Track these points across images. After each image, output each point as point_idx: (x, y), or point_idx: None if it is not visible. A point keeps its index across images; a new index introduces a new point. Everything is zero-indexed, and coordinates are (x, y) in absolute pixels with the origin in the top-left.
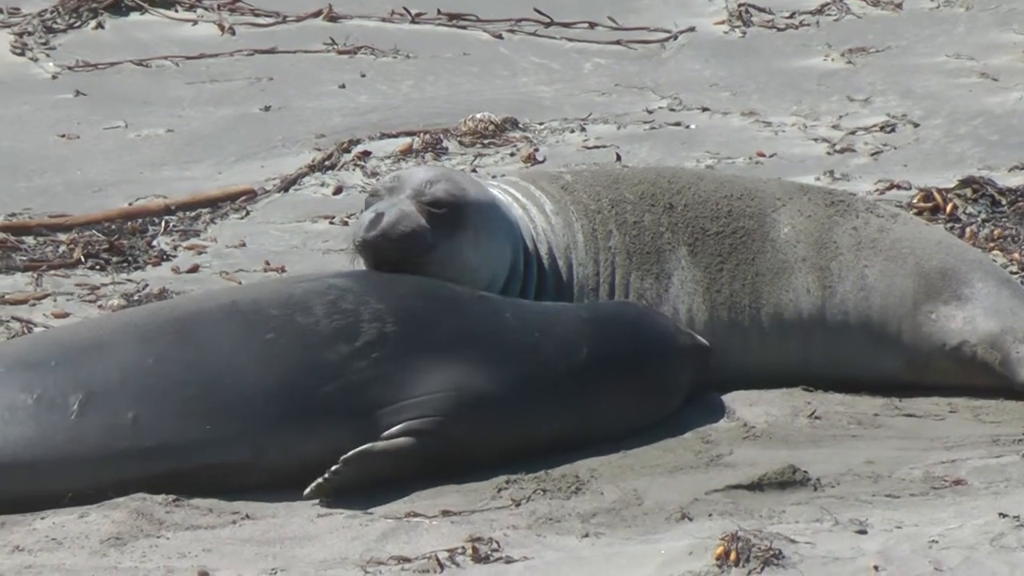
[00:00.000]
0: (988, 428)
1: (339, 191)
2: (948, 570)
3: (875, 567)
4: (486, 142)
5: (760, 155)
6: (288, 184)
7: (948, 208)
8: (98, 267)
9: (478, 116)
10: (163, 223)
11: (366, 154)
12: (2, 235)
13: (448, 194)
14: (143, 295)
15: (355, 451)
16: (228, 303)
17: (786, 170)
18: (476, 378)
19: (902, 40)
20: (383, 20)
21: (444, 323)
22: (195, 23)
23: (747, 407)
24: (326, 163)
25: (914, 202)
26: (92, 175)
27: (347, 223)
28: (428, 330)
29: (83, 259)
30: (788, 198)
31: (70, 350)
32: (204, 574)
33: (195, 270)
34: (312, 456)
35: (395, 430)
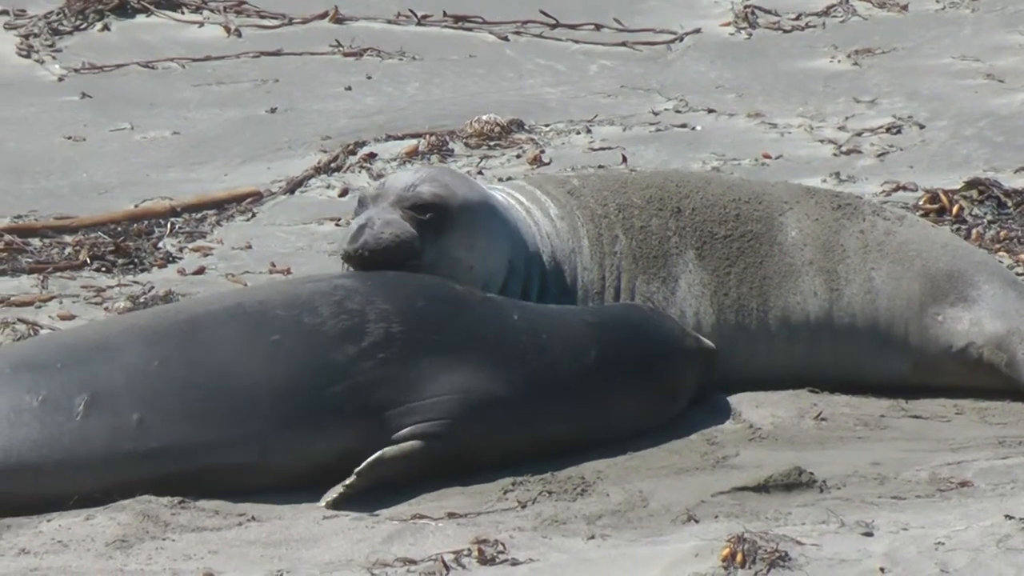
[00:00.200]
0: (994, 430)
1: (345, 193)
2: (954, 572)
3: (881, 569)
4: (492, 144)
5: (766, 156)
6: (294, 186)
7: (954, 209)
8: (104, 269)
9: (484, 118)
10: (169, 225)
11: (372, 156)
12: (8, 237)
13: (433, 195)
14: (149, 297)
15: (368, 461)
16: (233, 304)
17: (792, 171)
18: (484, 380)
19: (908, 42)
20: (389, 22)
21: (451, 324)
22: (201, 25)
23: (753, 409)
24: (332, 165)
25: (920, 203)
26: (98, 177)
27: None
28: (435, 331)
29: (89, 261)
30: (795, 201)
31: (75, 352)
32: None
33: (201, 272)
34: (319, 457)
35: (404, 433)
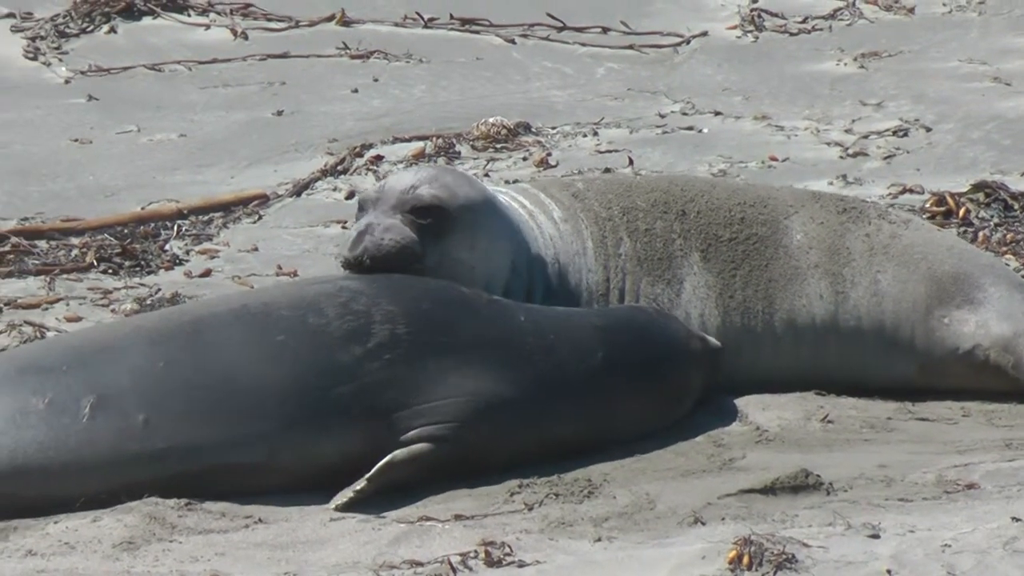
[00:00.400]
0: (1001, 432)
1: (352, 195)
2: (961, 574)
3: (888, 571)
4: (499, 146)
5: (772, 159)
6: (301, 188)
7: (961, 212)
8: (110, 271)
9: (491, 120)
10: (175, 227)
11: (379, 158)
12: (15, 239)
13: (432, 197)
14: (155, 299)
15: (379, 465)
16: (239, 306)
17: (799, 174)
18: (491, 383)
19: (915, 45)
20: (396, 24)
21: (457, 327)
22: (208, 28)
23: (760, 411)
24: (339, 167)
25: (927, 206)
26: (104, 179)
27: None
28: (441, 333)
29: (95, 263)
30: (800, 205)
31: (81, 354)
32: None
33: (207, 274)
34: (326, 458)
35: (412, 435)
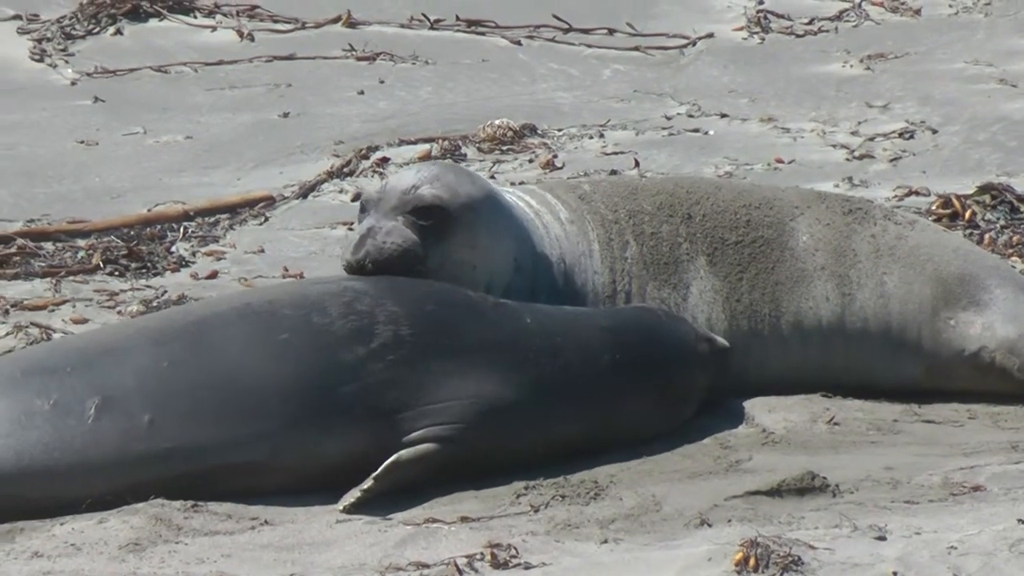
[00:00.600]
0: (1007, 434)
1: (358, 198)
2: None
3: (894, 573)
4: (505, 148)
5: (779, 161)
6: (307, 190)
7: (967, 214)
8: (117, 273)
9: (497, 122)
10: (182, 229)
11: (385, 160)
12: (21, 241)
13: (433, 197)
14: (162, 301)
15: (384, 465)
16: (242, 305)
17: (805, 176)
18: (496, 385)
19: (921, 46)
20: (402, 26)
21: (462, 329)
22: (214, 29)
23: (766, 413)
24: (345, 169)
25: (933, 208)
26: (111, 181)
27: None
28: (445, 336)
29: (102, 265)
30: (806, 206)
31: (85, 355)
32: None
33: (214, 276)
34: (330, 457)
35: (417, 436)
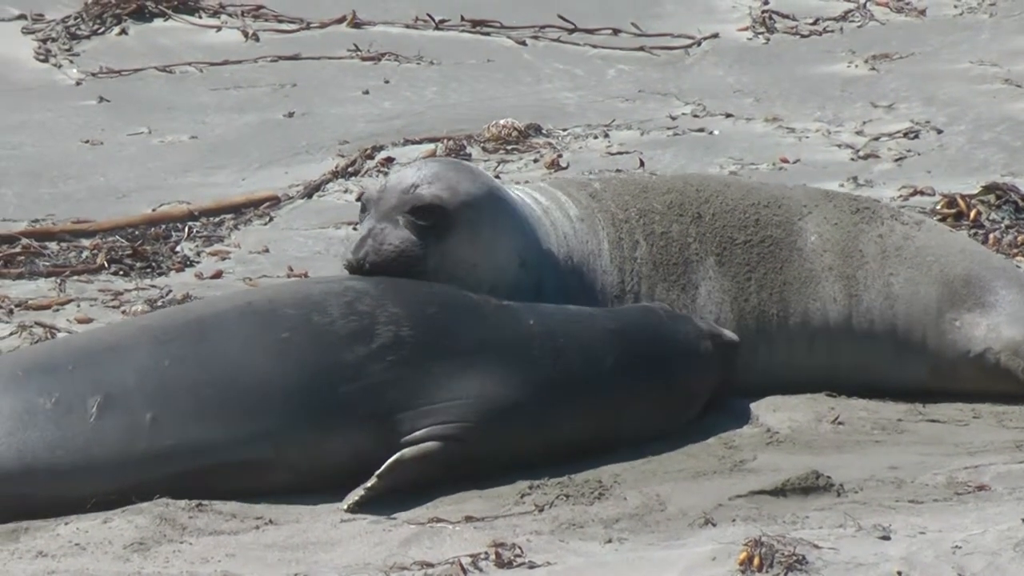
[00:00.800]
0: (1012, 434)
1: (361, 197)
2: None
3: (898, 573)
4: (510, 148)
5: (784, 161)
6: (311, 190)
7: (972, 214)
8: (121, 273)
9: (502, 122)
10: (186, 229)
11: (390, 160)
12: (26, 241)
13: (433, 197)
14: (166, 301)
15: (388, 463)
16: (244, 304)
17: (810, 176)
18: (500, 384)
19: (926, 46)
20: (407, 26)
21: (463, 330)
22: (219, 29)
23: (770, 413)
24: (349, 169)
25: (938, 208)
26: (115, 181)
27: None
28: (446, 337)
29: (106, 265)
30: (814, 205)
31: (87, 353)
32: None
33: (218, 276)
34: (332, 456)
35: (419, 435)
